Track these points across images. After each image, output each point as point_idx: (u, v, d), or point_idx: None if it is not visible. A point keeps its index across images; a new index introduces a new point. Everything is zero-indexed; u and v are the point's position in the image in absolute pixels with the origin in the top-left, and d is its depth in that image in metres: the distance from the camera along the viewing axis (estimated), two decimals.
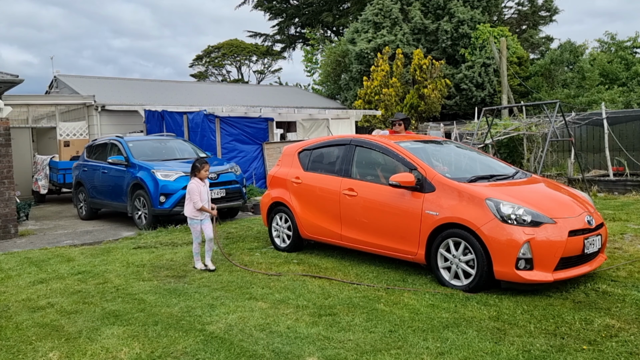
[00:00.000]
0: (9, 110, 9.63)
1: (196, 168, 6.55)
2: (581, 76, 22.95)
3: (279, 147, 13.93)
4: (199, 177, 6.53)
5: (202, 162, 6.60)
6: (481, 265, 5.15)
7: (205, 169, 6.55)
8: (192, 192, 6.46)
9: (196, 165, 6.55)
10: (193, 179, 6.54)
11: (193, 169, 6.56)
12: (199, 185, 6.49)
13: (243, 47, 41.91)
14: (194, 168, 6.56)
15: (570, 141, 12.34)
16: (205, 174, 6.58)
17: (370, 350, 3.94)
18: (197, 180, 6.51)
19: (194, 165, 6.57)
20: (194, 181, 6.50)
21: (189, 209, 6.51)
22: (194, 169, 6.56)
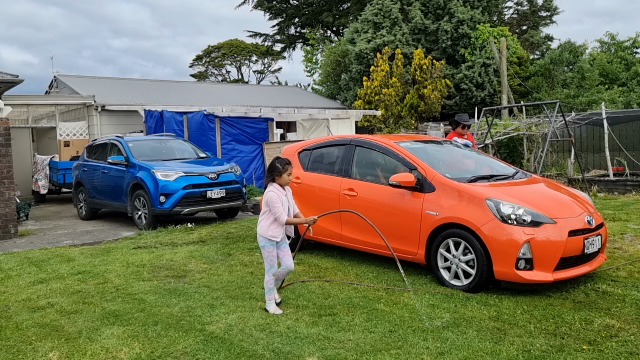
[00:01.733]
0: (9, 110, 9.63)
1: (276, 170, 4.84)
2: (581, 76, 22.94)
3: (279, 147, 13.93)
4: (279, 183, 4.87)
5: (285, 162, 4.88)
6: (481, 265, 5.15)
7: (288, 171, 4.87)
8: (272, 202, 4.75)
9: (276, 166, 4.84)
10: (272, 185, 4.86)
11: (272, 171, 4.86)
12: (280, 194, 4.82)
13: (243, 47, 41.91)
14: (274, 169, 4.84)
15: (570, 141, 12.34)
16: (287, 178, 4.87)
17: (370, 350, 3.94)
18: (277, 187, 4.85)
19: (273, 165, 4.86)
20: (274, 188, 4.82)
21: (266, 226, 4.83)
22: (274, 171, 4.85)
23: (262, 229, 4.88)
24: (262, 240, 4.88)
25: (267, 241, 4.85)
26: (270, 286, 4.90)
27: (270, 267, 4.87)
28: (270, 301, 4.89)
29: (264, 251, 4.90)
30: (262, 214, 4.88)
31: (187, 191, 9.76)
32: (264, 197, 4.84)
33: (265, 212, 4.85)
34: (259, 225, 4.91)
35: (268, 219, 4.83)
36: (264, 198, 4.84)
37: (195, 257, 7.20)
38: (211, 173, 10.15)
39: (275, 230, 4.82)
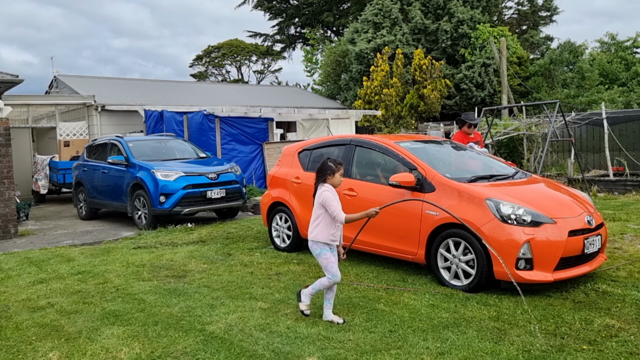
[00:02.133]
0: (9, 110, 9.64)
1: (329, 169, 4.50)
2: (581, 76, 22.95)
3: (279, 147, 13.93)
4: (330, 184, 4.53)
5: (337, 162, 4.59)
6: (481, 265, 5.15)
7: (340, 172, 4.57)
8: (329, 201, 4.41)
9: (329, 166, 4.50)
10: (323, 185, 4.51)
11: (323, 171, 4.52)
12: (335, 193, 4.53)
13: (243, 47, 41.91)
14: (326, 169, 4.50)
15: (570, 141, 12.35)
16: (340, 179, 4.57)
17: (370, 350, 3.94)
18: (330, 187, 4.52)
19: (325, 165, 4.52)
20: (328, 188, 4.49)
21: (323, 230, 4.48)
22: (325, 171, 4.51)
23: (319, 234, 4.46)
24: (318, 247, 4.49)
25: (324, 247, 4.48)
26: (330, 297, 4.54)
27: (333, 276, 4.46)
28: (329, 309, 4.54)
29: (321, 259, 4.49)
30: (316, 218, 4.48)
31: (187, 191, 9.76)
32: (318, 199, 4.48)
33: (320, 215, 4.47)
34: (313, 232, 4.49)
35: (324, 221, 4.47)
36: (318, 200, 4.48)
37: (195, 257, 7.20)
38: (211, 173, 10.15)
39: (336, 232, 4.51)
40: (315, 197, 4.55)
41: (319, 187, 4.53)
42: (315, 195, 4.55)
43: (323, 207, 4.46)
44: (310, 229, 4.56)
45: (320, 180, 4.55)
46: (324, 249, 4.49)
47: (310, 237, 4.54)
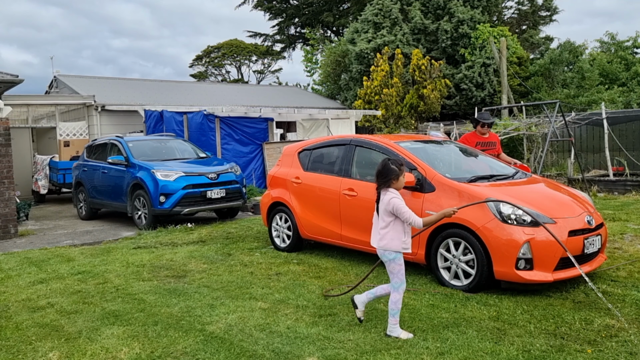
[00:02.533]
0: (9, 110, 9.64)
1: (393, 173, 4.22)
2: (581, 76, 22.95)
3: (279, 147, 13.93)
4: (395, 188, 4.27)
5: (399, 163, 4.30)
6: (481, 265, 5.15)
7: (404, 174, 4.32)
8: (400, 208, 4.14)
9: (393, 169, 4.22)
10: (388, 191, 4.24)
11: (386, 175, 4.22)
12: (401, 198, 4.24)
13: (243, 47, 41.92)
14: (390, 172, 4.21)
15: (570, 141, 12.35)
16: (403, 181, 4.31)
17: (370, 350, 3.94)
18: (395, 191, 4.26)
19: (388, 168, 4.22)
20: (395, 193, 4.22)
21: (395, 237, 4.22)
22: (389, 174, 4.22)
23: (390, 242, 4.22)
24: (391, 253, 4.24)
25: (397, 253, 4.24)
26: (399, 306, 4.24)
27: (401, 284, 4.26)
28: (396, 325, 4.23)
29: (394, 265, 4.24)
30: (385, 226, 4.23)
31: (187, 191, 9.76)
32: (385, 207, 4.20)
33: (390, 223, 4.22)
34: (383, 241, 4.24)
35: (395, 228, 4.22)
36: (385, 208, 4.20)
37: (195, 257, 7.20)
38: (211, 173, 10.15)
39: (408, 239, 4.28)
40: (379, 204, 4.27)
41: (384, 193, 4.23)
42: (380, 202, 4.26)
43: (392, 215, 4.20)
44: (378, 237, 4.30)
45: (383, 185, 4.24)
46: (397, 255, 4.24)
47: (379, 245, 4.28)
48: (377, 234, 4.33)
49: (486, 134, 7.86)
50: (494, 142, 7.91)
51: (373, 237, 4.39)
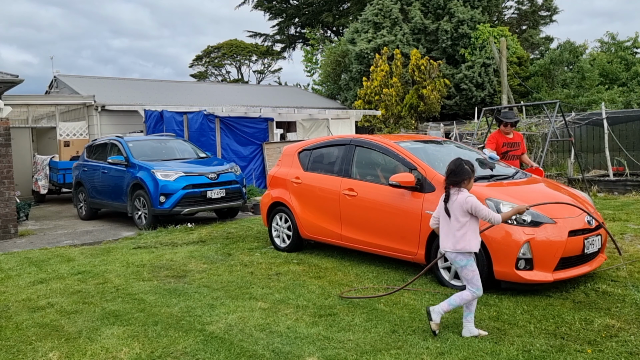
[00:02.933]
0: (9, 110, 9.64)
1: (467, 174, 4.13)
2: (581, 76, 22.96)
3: (279, 147, 13.93)
4: (466, 189, 4.17)
5: (471, 164, 4.20)
6: (481, 265, 5.14)
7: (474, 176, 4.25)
8: (479, 207, 4.05)
9: (467, 170, 4.13)
10: (461, 191, 4.15)
11: (460, 174, 4.13)
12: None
13: (243, 47, 41.93)
14: (463, 173, 4.13)
15: (570, 141, 12.35)
16: (472, 184, 4.25)
17: (370, 350, 3.94)
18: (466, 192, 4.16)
19: (461, 169, 4.13)
20: (467, 193, 4.14)
21: (472, 237, 4.10)
22: (464, 175, 4.13)
23: (469, 243, 4.06)
24: (465, 257, 4.09)
25: (470, 257, 4.10)
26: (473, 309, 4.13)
27: (477, 290, 4.09)
28: (471, 322, 4.13)
29: (467, 271, 4.10)
30: (460, 227, 4.07)
31: (187, 191, 9.76)
32: (462, 206, 4.06)
33: (466, 224, 4.07)
34: (461, 242, 4.06)
35: (471, 228, 4.09)
36: (462, 207, 4.06)
37: (195, 257, 7.20)
38: (211, 173, 10.15)
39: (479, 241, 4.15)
40: (449, 204, 4.14)
41: (457, 193, 4.11)
42: (451, 202, 4.13)
43: (468, 215, 4.07)
44: (453, 240, 4.11)
45: (454, 185, 4.13)
46: (470, 260, 4.09)
47: (456, 248, 4.09)
48: (451, 237, 4.13)
49: (510, 133, 7.61)
50: (519, 142, 7.68)
51: (446, 240, 4.17)
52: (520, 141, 7.75)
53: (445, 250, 4.19)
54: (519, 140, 7.72)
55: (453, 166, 4.18)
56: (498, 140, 7.55)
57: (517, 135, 7.79)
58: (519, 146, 7.68)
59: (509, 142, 7.60)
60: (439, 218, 4.30)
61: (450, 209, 4.14)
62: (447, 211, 4.16)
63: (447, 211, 4.16)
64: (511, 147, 7.59)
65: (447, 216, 4.16)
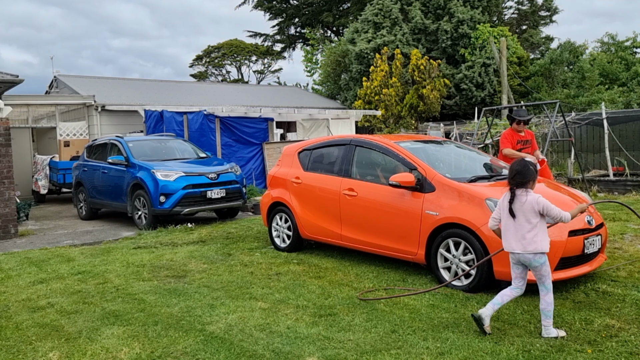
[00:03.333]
0: (9, 110, 9.64)
1: (532, 175, 4.13)
2: (581, 76, 22.96)
3: (279, 147, 13.93)
4: (532, 189, 4.16)
5: (534, 164, 4.24)
6: (481, 265, 5.14)
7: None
8: (550, 207, 4.04)
9: (532, 172, 4.13)
10: (529, 192, 4.12)
11: (527, 176, 4.10)
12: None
13: (243, 47, 41.93)
14: (531, 174, 4.11)
15: (570, 141, 12.34)
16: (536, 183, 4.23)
17: (370, 350, 3.94)
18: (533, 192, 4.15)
19: (529, 170, 4.12)
20: (535, 194, 4.13)
21: (545, 237, 4.09)
22: (530, 176, 4.11)
23: (542, 242, 4.04)
24: (542, 256, 4.06)
25: (544, 255, 4.08)
26: (553, 306, 4.13)
27: (550, 288, 4.14)
28: (551, 326, 4.10)
29: (545, 268, 4.10)
30: (532, 228, 4.04)
31: (187, 191, 9.76)
32: (533, 207, 4.04)
33: (537, 224, 4.05)
34: (533, 244, 4.03)
35: (542, 228, 4.07)
36: (533, 208, 4.04)
37: (195, 257, 7.20)
38: (211, 173, 10.15)
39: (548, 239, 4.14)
40: (516, 205, 4.10)
41: (525, 194, 4.09)
42: (519, 203, 4.10)
43: (539, 215, 4.05)
44: (524, 242, 4.07)
45: (521, 186, 4.11)
46: (545, 258, 4.08)
47: (527, 250, 4.06)
48: (521, 239, 4.08)
49: (522, 131, 7.60)
50: (530, 140, 7.68)
51: (515, 242, 4.11)
52: (532, 138, 7.75)
53: (514, 252, 4.16)
54: (530, 138, 7.72)
55: (519, 167, 4.13)
56: (512, 139, 7.54)
57: (528, 132, 7.79)
58: (531, 144, 7.68)
59: (522, 140, 7.61)
60: (499, 219, 4.28)
61: (517, 210, 4.10)
62: (512, 212, 4.12)
63: (511, 212, 4.12)
64: (525, 144, 7.60)
65: (512, 217, 4.12)
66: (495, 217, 4.35)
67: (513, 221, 4.12)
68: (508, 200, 4.15)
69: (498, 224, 4.32)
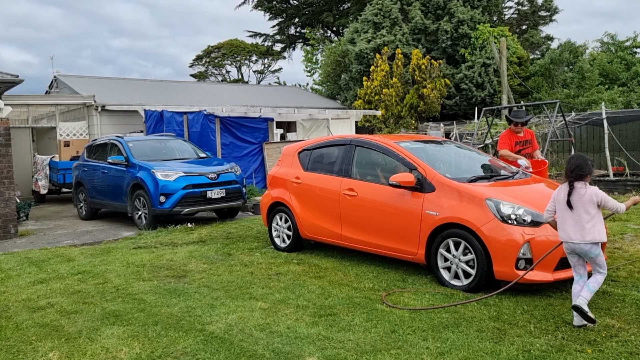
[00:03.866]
0: (9, 110, 9.64)
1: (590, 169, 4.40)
2: (581, 76, 22.96)
3: (279, 147, 13.93)
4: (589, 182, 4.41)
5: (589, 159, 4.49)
6: (481, 265, 5.15)
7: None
8: (607, 198, 4.29)
9: (590, 164, 4.41)
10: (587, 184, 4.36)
11: (587, 171, 4.37)
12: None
13: (243, 47, 41.92)
14: (589, 168, 4.39)
15: (570, 141, 12.34)
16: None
17: (370, 350, 3.94)
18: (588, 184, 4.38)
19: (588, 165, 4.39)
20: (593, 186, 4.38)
21: (600, 228, 4.28)
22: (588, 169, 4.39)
23: (600, 232, 4.24)
24: (597, 247, 4.25)
25: (599, 245, 4.28)
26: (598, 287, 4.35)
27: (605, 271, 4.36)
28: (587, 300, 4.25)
29: (601, 257, 4.31)
30: (590, 219, 4.23)
31: (187, 191, 9.76)
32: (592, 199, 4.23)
33: (595, 215, 4.25)
34: (592, 233, 4.21)
35: (599, 219, 4.28)
36: (592, 199, 4.23)
37: (195, 257, 7.20)
38: (211, 173, 10.15)
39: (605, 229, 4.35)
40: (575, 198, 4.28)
41: (584, 187, 4.29)
42: (578, 195, 4.28)
43: (597, 206, 4.25)
44: (583, 232, 4.24)
45: (579, 179, 4.32)
46: (599, 247, 4.29)
47: (585, 240, 4.22)
48: (579, 229, 4.25)
49: (521, 132, 7.58)
50: (530, 140, 7.61)
51: (574, 233, 4.28)
52: (532, 138, 7.69)
53: (573, 241, 4.31)
54: (529, 138, 7.65)
55: (579, 161, 4.38)
56: (510, 140, 7.50)
57: (527, 132, 7.72)
58: (531, 143, 7.62)
59: (520, 141, 7.56)
60: (554, 211, 4.47)
61: (575, 202, 4.29)
62: (570, 204, 4.29)
63: (569, 204, 4.30)
64: (523, 145, 7.56)
65: (569, 209, 4.30)
66: (549, 209, 4.52)
67: (571, 213, 4.30)
68: (566, 193, 4.33)
69: (553, 215, 4.49)
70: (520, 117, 7.50)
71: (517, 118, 7.49)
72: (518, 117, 7.50)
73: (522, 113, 7.66)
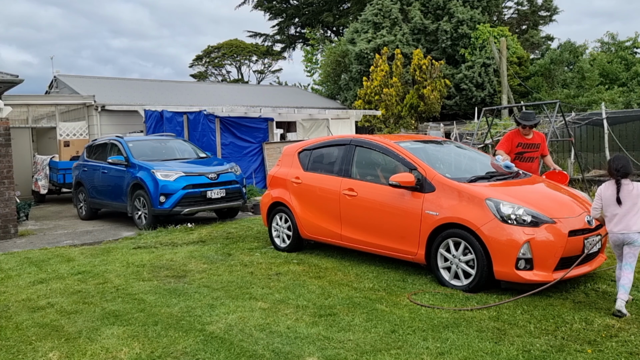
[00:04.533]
0: (9, 110, 9.63)
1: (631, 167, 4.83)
2: (581, 76, 22.96)
3: (279, 147, 13.93)
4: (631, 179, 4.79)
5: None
6: (481, 265, 5.15)
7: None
8: None
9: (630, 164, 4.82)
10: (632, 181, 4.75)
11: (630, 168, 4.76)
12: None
13: (243, 47, 41.92)
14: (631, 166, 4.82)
15: (570, 141, 12.34)
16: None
17: (370, 350, 3.94)
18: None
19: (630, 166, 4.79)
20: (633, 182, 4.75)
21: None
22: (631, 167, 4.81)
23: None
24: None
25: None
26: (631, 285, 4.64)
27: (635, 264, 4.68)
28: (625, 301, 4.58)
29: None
30: (637, 211, 4.61)
31: (187, 191, 9.76)
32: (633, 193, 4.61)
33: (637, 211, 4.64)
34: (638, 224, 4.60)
35: None
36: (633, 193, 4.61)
37: (195, 257, 7.20)
38: (211, 173, 10.15)
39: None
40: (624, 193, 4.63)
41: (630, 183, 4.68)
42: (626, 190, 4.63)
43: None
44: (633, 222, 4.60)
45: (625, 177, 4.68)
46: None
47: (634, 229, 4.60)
48: (630, 221, 4.62)
49: (529, 134, 7.24)
50: (538, 144, 7.27)
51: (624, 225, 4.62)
52: (541, 142, 7.32)
53: (623, 232, 4.65)
54: (539, 142, 7.30)
55: (623, 162, 4.76)
56: (513, 140, 7.24)
57: (537, 135, 7.38)
58: (538, 147, 7.29)
59: (525, 143, 7.22)
60: (600, 208, 4.83)
61: (624, 197, 4.65)
62: (619, 200, 4.65)
63: (618, 200, 4.65)
64: (527, 147, 7.22)
65: (619, 204, 4.65)
66: (595, 207, 4.90)
67: (619, 207, 4.64)
68: (614, 190, 4.68)
69: (599, 212, 4.86)
70: (529, 120, 7.19)
71: (526, 120, 7.18)
72: (526, 120, 7.19)
73: (531, 115, 7.30)
